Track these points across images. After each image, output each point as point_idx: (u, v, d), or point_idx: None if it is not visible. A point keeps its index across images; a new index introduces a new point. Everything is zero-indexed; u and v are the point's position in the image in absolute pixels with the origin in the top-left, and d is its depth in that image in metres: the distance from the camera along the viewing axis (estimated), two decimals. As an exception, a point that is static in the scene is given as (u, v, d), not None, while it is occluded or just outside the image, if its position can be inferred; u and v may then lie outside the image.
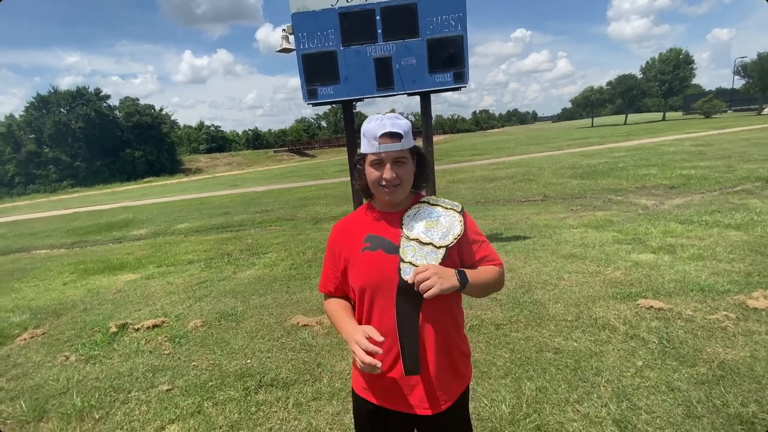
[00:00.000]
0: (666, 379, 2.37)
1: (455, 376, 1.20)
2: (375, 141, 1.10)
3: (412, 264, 1.09)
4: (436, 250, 1.11)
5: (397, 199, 1.16)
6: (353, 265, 1.17)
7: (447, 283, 1.03)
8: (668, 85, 55.26)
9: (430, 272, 1.03)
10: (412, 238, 1.12)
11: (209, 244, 7.56)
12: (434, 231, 1.14)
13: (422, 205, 1.20)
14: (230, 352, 3.20)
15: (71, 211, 16.81)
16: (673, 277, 3.77)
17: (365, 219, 1.22)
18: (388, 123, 1.10)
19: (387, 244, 1.14)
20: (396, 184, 1.12)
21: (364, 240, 1.17)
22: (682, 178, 9.08)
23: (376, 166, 1.12)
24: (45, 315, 4.49)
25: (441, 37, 4.91)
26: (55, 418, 2.56)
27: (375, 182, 1.13)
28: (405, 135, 1.11)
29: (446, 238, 1.12)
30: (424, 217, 1.17)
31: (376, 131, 1.09)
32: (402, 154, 1.11)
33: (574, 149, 20.19)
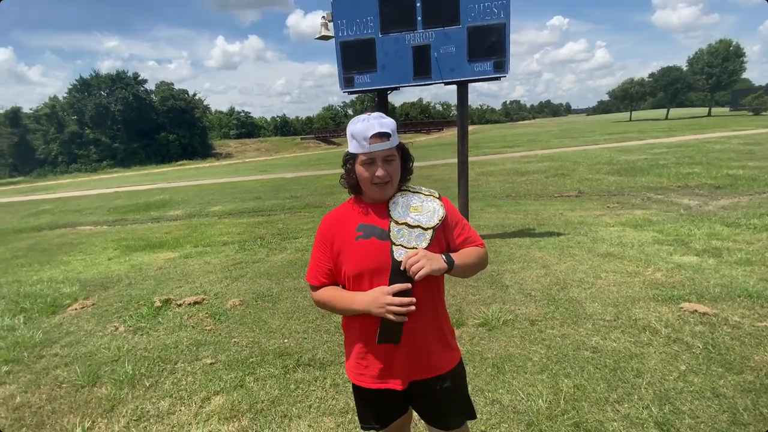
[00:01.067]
0: (711, 384, 2.30)
1: (445, 349, 1.30)
2: (365, 141, 1.15)
3: (403, 246, 1.18)
4: (424, 232, 1.21)
5: (389, 195, 1.24)
6: (348, 254, 1.22)
7: (436, 264, 1.14)
8: (716, 79, 52.10)
9: (420, 255, 1.13)
10: (401, 222, 1.21)
11: (242, 227, 7.79)
12: (420, 215, 1.23)
13: (405, 193, 1.28)
14: (268, 331, 3.32)
15: (112, 191, 17.64)
16: (719, 282, 3.62)
17: (355, 210, 1.27)
18: (376, 124, 1.15)
19: (379, 232, 1.21)
20: (387, 181, 1.19)
21: (357, 229, 1.23)
22: (729, 178, 8.62)
23: (367, 166, 1.19)
24: (93, 287, 4.77)
25: (482, 25, 4.80)
26: (109, 384, 2.74)
27: (367, 180, 1.20)
28: (392, 134, 1.17)
29: (432, 220, 1.22)
30: (408, 203, 1.25)
31: (366, 132, 1.15)
32: (391, 152, 1.19)
33: (611, 144, 19.45)
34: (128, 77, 43.45)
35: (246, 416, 2.31)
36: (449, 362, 1.31)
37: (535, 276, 4.07)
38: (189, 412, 2.39)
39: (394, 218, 1.22)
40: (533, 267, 4.32)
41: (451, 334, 1.35)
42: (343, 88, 5.33)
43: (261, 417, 2.30)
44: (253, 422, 2.26)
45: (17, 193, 21.62)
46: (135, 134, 42.07)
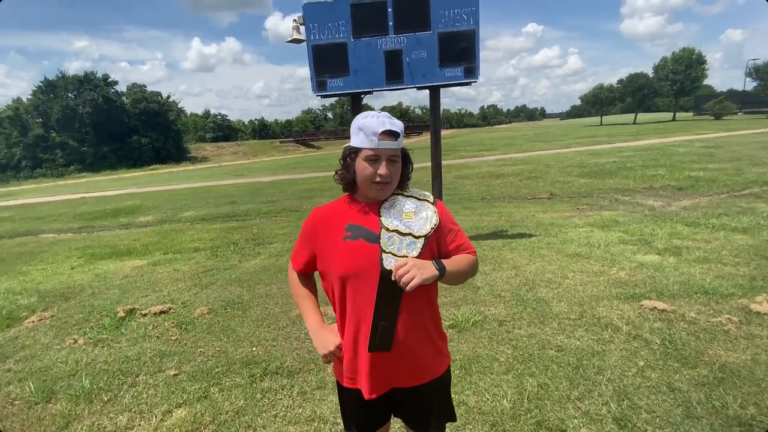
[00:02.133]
0: (667, 379, 2.39)
1: (435, 355, 1.28)
2: (374, 137, 1.13)
3: (393, 254, 1.15)
4: (416, 240, 1.17)
5: (386, 196, 1.22)
6: (333, 253, 1.20)
7: (427, 273, 1.10)
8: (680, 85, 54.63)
9: (410, 265, 1.10)
10: (392, 229, 1.17)
11: (215, 232, 7.62)
12: (412, 222, 1.19)
13: (397, 197, 1.24)
14: (236, 339, 3.25)
15: (78, 196, 16.95)
16: (678, 279, 3.77)
17: (346, 209, 1.25)
18: (387, 121, 1.14)
19: (368, 234, 1.18)
20: (388, 181, 1.17)
21: (345, 229, 1.20)
22: (690, 179, 9.02)
23: (371, 162, 1.16)
24: (53, 298, 4.56)
25: (453, 31, 4.88)
26: (64, 400, 2.62)
27: (368, 177, 1.16)
28: (401, 134, 1.17)
29: (424, 228, 1.19)
30: (400, 208, 1.21)
31: (376, 128, 1.12)
32: (397, 153, 1.17)
33: (582, 147, 20.05)
34: (97, 78, 41.92)
35: (209, 428, 2.25)
36: (437, 369, 1.29)
37: (506, 277, 4.14)
38: (149, 426, 2.31)
39: (385, 224, 1.18)
40: (504, 268, 4.40)
41: (442, 340, 1.32)
42: (315, 91, 5.31)
43: (224, 428, 2.24)
44: (215, 434, 2.20)
45: (-25, 199, 20.50)
46: (105, 137, 40.59)
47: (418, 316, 1.21)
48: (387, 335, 1.16)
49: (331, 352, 1.25)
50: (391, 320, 1.16)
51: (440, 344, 1.30)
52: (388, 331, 1.16)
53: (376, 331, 1.15)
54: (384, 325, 1.16)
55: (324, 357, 1.27)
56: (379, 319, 1.15)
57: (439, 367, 1.29)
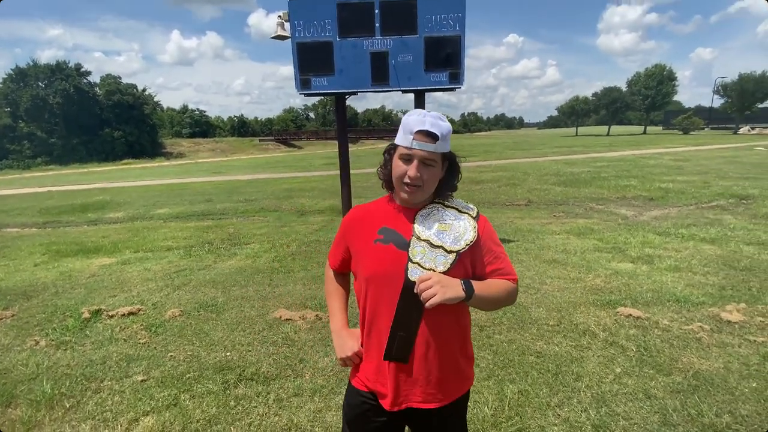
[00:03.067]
0: (643, 386, 2.42)
1: (454, 378, 1.19)
2: (410, 135, 1.08)
3: (420, 265, 1.09)
4: (446, 255, 1.10)
5: (416, 200, 1.15)
6: (363, 254, 1.17)
7: (450, 293, 1.03)
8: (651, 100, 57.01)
9: (433, 281, 1.03)
10: (423, 239, 1.11)
11: (189, 231, 7.38)
12: (446, 234, 1.12)
13: (436, 206, 1.17)
14: (209, 343, 3.12)
15: (45, 190, 16.15)
16: (651, 287, 3.87)
17: (383, 210, 1.21)
18: (428, 121, 1.07)
19: (400, 239, 1.13)
20: (418, 184, 1.09)
21: (378, 231, 1.16)
22: (660, 191, 9.36)
23: (405, 161, 1.10)
24: (14, 296, 4.29)
25: (439, 36, 4.90)
26: (24, 405, 2.45)
27: (399, 177, 1.11)
28: (442, 138, 1.07)
29: (458, 244, 1.11)
30: (437, 218, 1.15)
31: (413, 126, 1.07)
32: (432, 156, 1.08)
33: (559, 156, 20.57)
34: (69, 68, 40.13)
35: (178, 437, 2.13)
36: (455, 392, 1.20)
37: (486, 283, 4.15)
38: (113, 435, 2.17)
39: (417, 233, 1.11)
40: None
41: (468, 362, 1.24)
42: (299, 89, 5.22)
43: (195, 437, 2.13)
44: (185, 444, 2.09)
45: (-71, 190, 19.25)
46: (75, 129, 38.86)
47: (441, 334, 1.13)
48: (404, 346, 1.11)
49: (348, 357, 1.22)
50: (409, 332, 1.11)
51: (464, 367, 1.22)
52: (406, 342, 1.11)
53: (393, 340, 1.11)
54: (402, 336, 1.11)
55: (340, 360, 1.24)
56: (397, 329, 1.11)
57: (455, 391, 1.21)
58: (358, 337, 1.24)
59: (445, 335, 1.16)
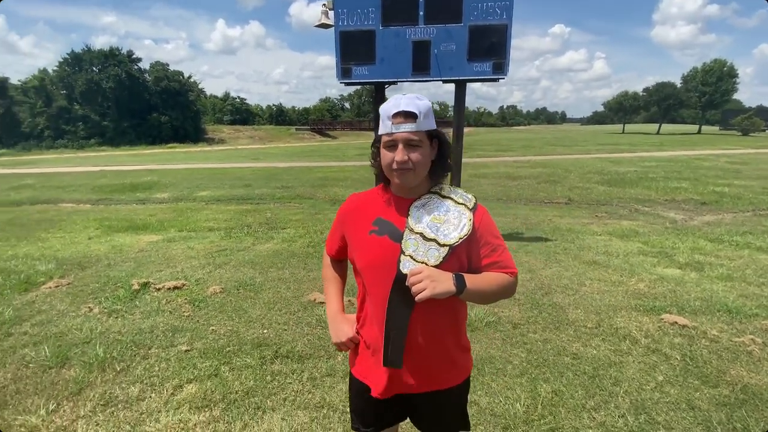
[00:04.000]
0: (687, 396, 2.31)
1: (446, 369, 1.19)
2: (389, 121, 1.06)
3: (412, 258, 1.07)
4: (439, 248, 1.07)
5: (410, 184, 1.11)
6: (358, 245, 1.17)
7: (441, 288, 1.01)
8: (708, 98, 53.19)
9: (424, 275, 1.01)
10: (417, 231, 1.09)
11: (229, 214, 7.66)
12: (440, 227, 1.09)
13: (432, 196, 1.14)
14: (248, 320, 3.25)
15: (98, 169, 17.24)
16: (700, 295, 3.66)
17: (378, 200, 1.19)
18: (403, 102, 1.05)
19: (394, 231, 1.12)
20: (407, 168, 1.06)
21: (373, 222, 1.15)
22: (714, 194, 8.77)
23: (390, 148, 1.07)
24: (70, 266, 4.63)
25: (484, 24, 4.77)
26: (78, 366, 2.65)
27: (387, 165, 1.09)
28: (421, 115, 1.05)
29: (451, 236, 1.08)
30: (432, 209, 1.12)
31: (390, 110, 1.05)
32: (416, 135, 1.05)
33: (603, 154, 19.66)
34: (122, 54, 42.35)
35: (218, 406, 2.25)
36: (452, 380, 1.21)
37: (521, 280, 4.06)
38: (159, 399, 2.32)
39: (411, 225, 1.10)
40: (519, 270, 4.28)
41: (463, 353, 1.24)
42: (340, 78, 5.26)
43: (234, 408, 2.24)
44: (225, 413, 2.20)
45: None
46: (126, 113, 41.10)
47: (433, 327, 1.13)
48: (397, 347, 1.10)
49: (342, 342, 1.23)
50: (401, 329, 1.09)
51: (459, 358, 1.22)
52: (398, 342, 1.10)
53: (388, 341, 1.11)
54: (395, 334, 1.10)
55: (336, 345, 1.26)
56: (390, 327, 1.10)
57: (454, 379, 1.22)
58: (353, 323, 1.25)
59: (438, 328, 1.14)
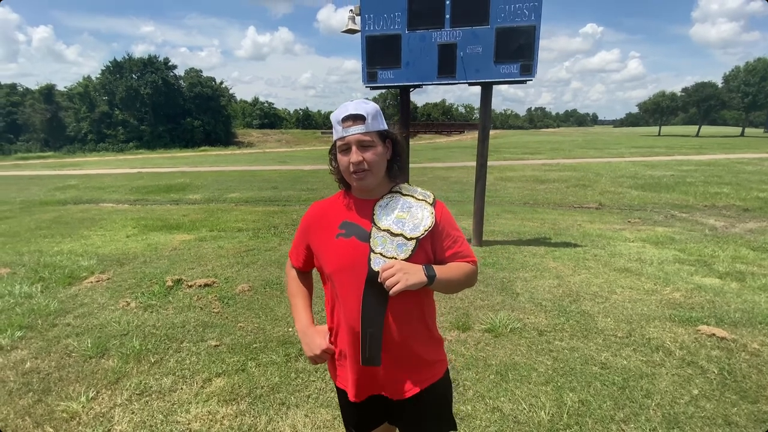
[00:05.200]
0: (723, 412, 2.20)
1: (422, 365, 1.20)
2: (339, 126, 1.09)
3: (382, 255, 1.09)
4: (407, 242, 1.11)
5: (369, 185, 1.14)
6: (326, 250, 1.17)
7: (413, 279, 1.04)
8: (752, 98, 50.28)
9: (396, 268, 1.04)
10: (383, 228, 1.12)
11: (257, 215, 7.87)
12: (405, 222, 1.13)
13: (394, 195, 1.18)
14: (274, 318, 3.34)
15: (136, 171, 18.09)
16: (740, 307, 3.47)
17: (342, 205, 1.21)
18: (350, 106, 1.09)
19: (361, 232, 1.14)
20: (363, 168, 1.09)
21: (339, 226, 1.17)
22: (758, 201, 8.28)
23: (345, 152, 1.11)
24: (110, 262, 4.89)
25: (512, 27, 4.71)
26: (116, 357, 2.80)
27: (345, 169, 1.12)
28: (369, 117, 1.08)
29: (417, 230, 1.12)
30: (395, 207, 1.15)
31: (339, 116, 1.09)
32: (367, 137, 1.09)
33: (637, 158, 18.93)
34: (159, 62, 44.41)
35: (245, 400, 2.32)
36: (429, 378, 1.22)
37: (548, 286, 3.98)
38: (190, 391, 2.42)
39: (377, 223, 1.13)
40: (546, 276, 4.23)
41: (436, 347, 1.24)
42: (365, 82, 5.32)
43: (259, 402, 2.30)
44: (251, 406, 2.27)
45: (46, 167, 22.37)
46: (162, 118, 43.02)
47: (406, 321, 1.15)
48: (375, 345, 1.11)
49: (317, 355, 1.22)
50: (377, 327, 1.11)
51: (433, 353, 1.23)
52: (375, 340, 1.11)
53: (365, 340, 1.11)
54: (371, 332, 1.11)
55: (310, 359, 1.24)
56: (366, 326, 1.11)
57: (430, 375, 1.22)
58: (325, 334, 1.24)
59: (411, 322, 1.17)
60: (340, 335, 1.20)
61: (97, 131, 41.52)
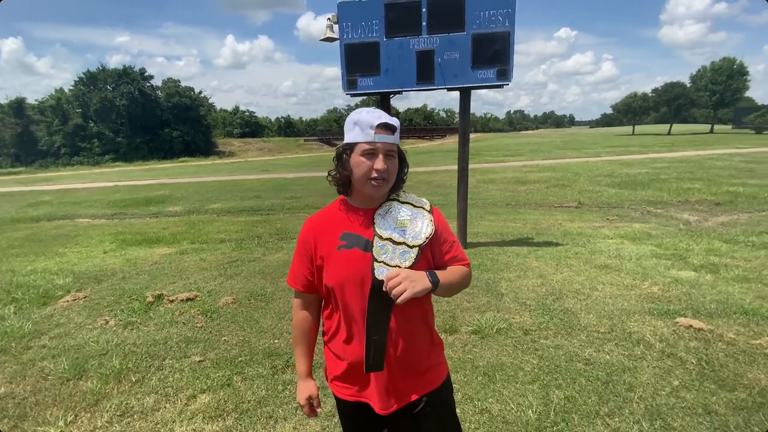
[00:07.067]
0: (703, 401, 2.27)
1: (426, 369, 1.23)
2: (371, 130, 1.09)
3: (385, 264, 1.10)
4: (409, 250, 1.12)
5: (381, 193, 1.16)
6: (328, 263, 1.16)
7: (419, 286, 1.06)
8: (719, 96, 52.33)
9: (402, 277, 1.05)
10: (385, 237, 1.13)
11: (240, 225, 7.77)
12: (407, 230, 1.14)
13: (392, 203, 1.19)
14: (259, 330, 3.29)
15: (112, 184, 17.64)
16: (715, 298, 3.59)
17: (340, 216, 1.20)
18: (384, 115, 1.10)
19: (363, 242, 1.14)
20: (385, 177, 1.11)
21: (340, 238, 1.16)
22: (729, 194, 8.61)
23: (368, 157, 1.10)
24: (87, 280, 4.74)
25: (487, 33, 4.81)
26: (95, 378, 2.71)
27: (365, 174, 1.11)
28: (398, 130, 1.13)
29: (418, 238, 1.14)
30: (395, 215, 1.16)
31: (372, 121, 1.09)
32: (394, 147, 1.13)
33: (613, 157, 19.46)
34: (135, 72, 43.52)
35: (231, 416, 2.28)
36: (435, 380, 1.24)
37: (531, 285, 4.04)
38: (174, 409, 2.36)
39: (379, 232, 1.13)
40: (530, 276, 4.30)
41: (437, 348, 1.27)
42: (346, 90, 5.33)
43: (246, 417, 2.26)
44: (237, 422, 2.23)
45: (17, 183, 21.61)
46: (138, 129, 42.09)
47: (411, 328, 1.17)
48: (379, 351, 1.12)
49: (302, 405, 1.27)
50: (381, 334, 1.11)
51: (437, 353, 1.26)
52: (379, 346, 1.12)
53: (369, 347, 1.11)
54: (376, 340, 1.11)
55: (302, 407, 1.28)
56: (371, 333, 1.11)
57: (434, 379, 1.24)
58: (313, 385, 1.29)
59: (415, 328, 1.19)
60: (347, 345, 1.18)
61: (71, 144, 40.33)
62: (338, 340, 1.21)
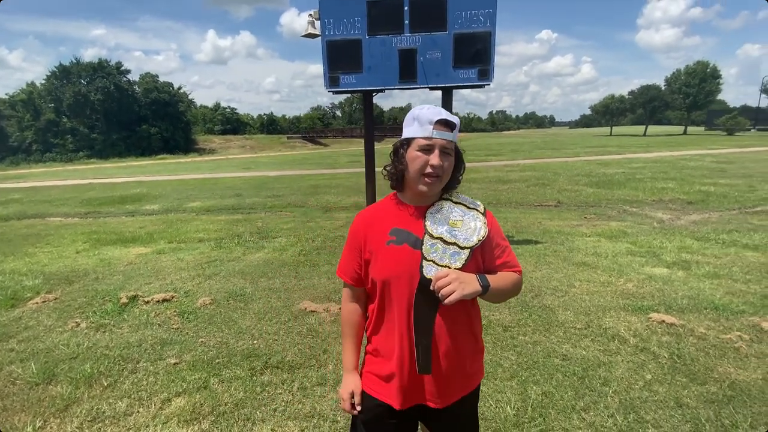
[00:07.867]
0: (675, 394, 2.34)
1: (465, 374, 1.20)
2: (430, 125, 1.08)
3: (434, 263, 1.09)
4: (460, 251, 1.10)
5: (434, 191, 1.14)
6: (377, 258, 1.15)
7: (469, 288, 1.04)
8: (692, 99, 54.17)
9: (451, 278, 1.03)
10: (436, 236, 1.11)
11: (220, 224, 7.62)
12: (458, 231, 1.12)
13: (445, 202, 1.18)
14: (237, 331, 3.23)
15: (86, 182, 17.06)
16: (687, 294, 3.71)
17: (391, 211, 1.19)
18: (443, 112, 1.10)
19: (413, 239, 1.12)
20: (439, 174, 1.10)
21: (390, 233, 1.15)
22: (700, 194, 8.92)
23: (425, 152, 1.09)
24: (57, 281, 4.57)
25: (468, 32, 4.83)
26: (65, 382, 2.61)
27: (419, 169, 1.10)
28: (456, 128, 1.12)
29: (471, 240, 1.12)
30: (447, 215, 1.15)
31: (432, 117, 1.09)
32: (451, 145, 1.11)
33: (591, 157, 19.92)
34: (110, 66, 42.15)
35: (207, 419, 2.23)
36: (467, 387, 1.22)
37: (511, 283, 4.09)
38: (147, 413, 2.29)
39: (430, 230, 1.12)
40: (510, 274, 4.34)
41: (478, 355, 1.25)
42: (328, 87, 5.28)
43: (223, 420, 2.21)
44: (214, 425, 2.18)
45: (-15, 180, 20.70)
46: (115, 125, 40.80)
47: (455, 331, 1.15)
48: (427, 353, 1.11)
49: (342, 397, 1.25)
50: (429, 334, 1.11)
51: (477, 360, 1.24)
52: (427, 347, 1.11)
53: (419, 349, 1.10)
54: (425, 340, 1.11)
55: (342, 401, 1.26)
56: (419, 332, 1.10)
57: (471, 385, 1.23)
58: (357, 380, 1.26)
59: (460, 332, 1.16)
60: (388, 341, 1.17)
61: (42, 140, 38.80)
62: (379, 335, 1.20)
